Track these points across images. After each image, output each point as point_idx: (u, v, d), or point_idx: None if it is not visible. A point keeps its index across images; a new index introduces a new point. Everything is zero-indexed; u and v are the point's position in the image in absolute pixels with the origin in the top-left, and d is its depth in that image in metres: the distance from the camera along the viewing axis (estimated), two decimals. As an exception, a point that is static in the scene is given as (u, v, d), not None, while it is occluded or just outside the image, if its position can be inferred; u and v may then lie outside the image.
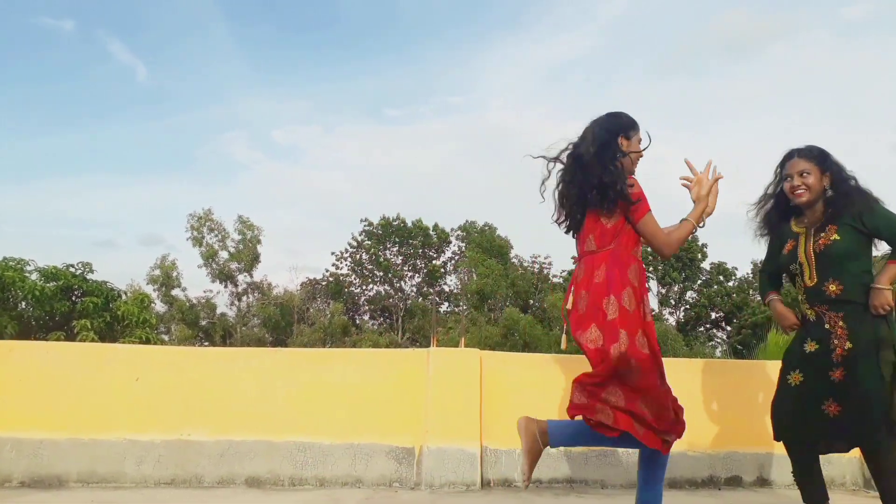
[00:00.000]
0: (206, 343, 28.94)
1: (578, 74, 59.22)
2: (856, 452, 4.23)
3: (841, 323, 2.74)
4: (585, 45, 58.48)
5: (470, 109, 57.02)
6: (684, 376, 4.29)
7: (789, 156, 2.94)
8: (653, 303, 35.74)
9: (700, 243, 33.97)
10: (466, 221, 37.37)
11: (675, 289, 34.66)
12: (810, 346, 2.82)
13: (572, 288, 2.57)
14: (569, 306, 2.55)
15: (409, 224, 36.08)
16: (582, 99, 58.69)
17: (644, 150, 2.65)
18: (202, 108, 57.57)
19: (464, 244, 36.53)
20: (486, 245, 34.18)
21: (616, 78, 60.81)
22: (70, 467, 3.82)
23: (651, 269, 35.08)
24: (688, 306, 34.67)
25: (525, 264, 36.06)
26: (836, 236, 2.76)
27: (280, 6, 55.05)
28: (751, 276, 34.80)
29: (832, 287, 2.76)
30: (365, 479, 3.92)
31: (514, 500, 3.64)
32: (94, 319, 14.71)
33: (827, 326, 2.78)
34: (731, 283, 34.29)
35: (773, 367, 4.67)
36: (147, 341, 14.58)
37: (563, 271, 35.23)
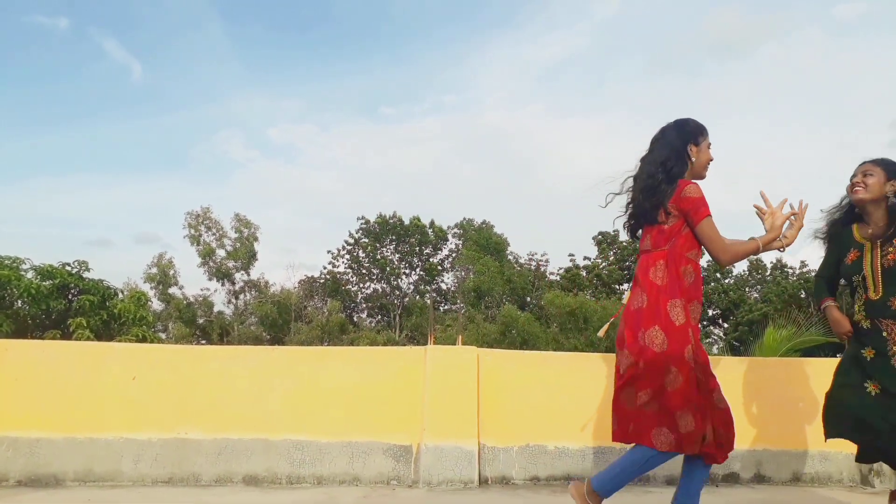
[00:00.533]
0: (204, 341, 28.90)
1: (572, 73, 59.19)
2: (852, 448, 4.25)
3: None
4: (579, 43, 58.39)
5: (465, 108, 56.97)
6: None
7: (861, 163, 2.99)
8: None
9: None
10: (464, 219, 37.40)
11: (672, 286, 34.71)
12: (868, 353, 2.86)
13: (630, 287, 2.65)
14: (624, 301, 2.62)
15: (406, 222, 36.07)
16: (576, 97, 58.77)
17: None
18: (197, 107, 57.33)
19: (461, 242, 36.54)
20: (483, 243, 34.21)
21: (610, 76, 60.82)
22: (67, 466, 3.81)
23: (648, 266, 35.04)
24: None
25: (521, 262, 36.09)
26: None
27: (275, 5, 54.93)
28: (746, 273, 34.85)
29: None
30: (362, 477, 3.92)
31: (511, 498, 3.64)
32: (90, 318, 14.68)
33: (885, 334, 2.81)
34: (728, 281, 34.32)
35: (769, 364, 4.69)
36: (144, 339, 14.56)
37: (560, 269, 35.25)
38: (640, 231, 2.69)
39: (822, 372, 4.35)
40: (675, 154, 2.59)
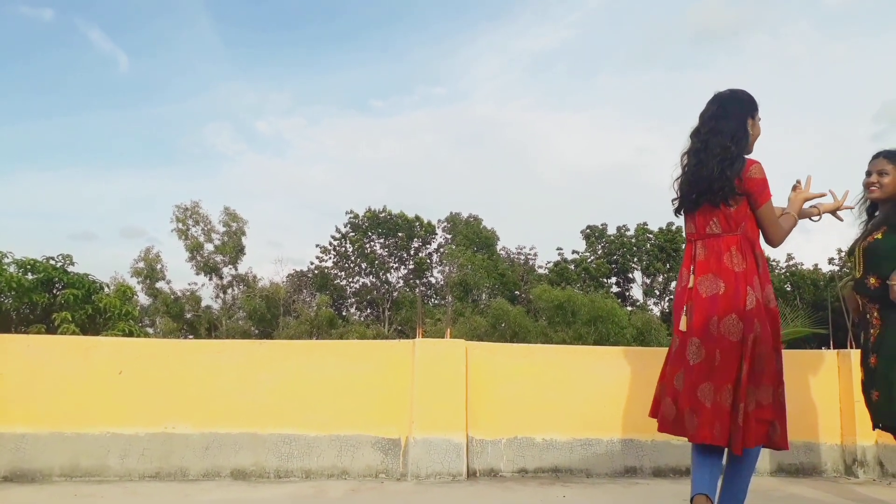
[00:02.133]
0: (191, 336, 28.77)
1: (562, 65, 59.25)
2: (836, 439, 4.31)
3: (876, 313, 2.96)
4: (569, 35, 58.46)
5: (454, 101, 56.99)
6: (668, 366, 4.32)
7: (876, 155, 3.10)
8: (637, 293, 35.97)
9: (684, 234, 34.19)
10: (451, 213, 37.39)
11: (660, 279, 34.91)
12: (863, 337, 3.05)
13: (692, 267, 2.50)
14: (690, 285, 2.47)
15: (395, 216, 36.01)
16: (566, 89, 58.81)
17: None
18: (184, 99, 56.94)
19: (450, 236, 36.55)
20: (472, 237, 34.24)
21: (600, 68, 60.91)
22: (53, 461, 3.78)
23: (636, 259, 35.28)
24: (672, 296, 34.93)
25: (511, 256, 36.17)
26: (879, 235, 2.98)
27: (264, -4, 54.46)
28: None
29: (872, 280, 2.96)
30: (351, 470, 3.92)
31: (499, 491, 3.66)
32: (75, 312, 14.52)
33: (868, 316, 3.00)
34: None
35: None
36: (130, 334, 14.43)
37: (548, 262, 35.38)
38: (689, 210, 2.56)
39: (806, 364, 4.40)
40: (741, 128, 2.49)
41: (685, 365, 2.43)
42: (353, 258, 35.85)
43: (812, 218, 2.87)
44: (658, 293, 35.15)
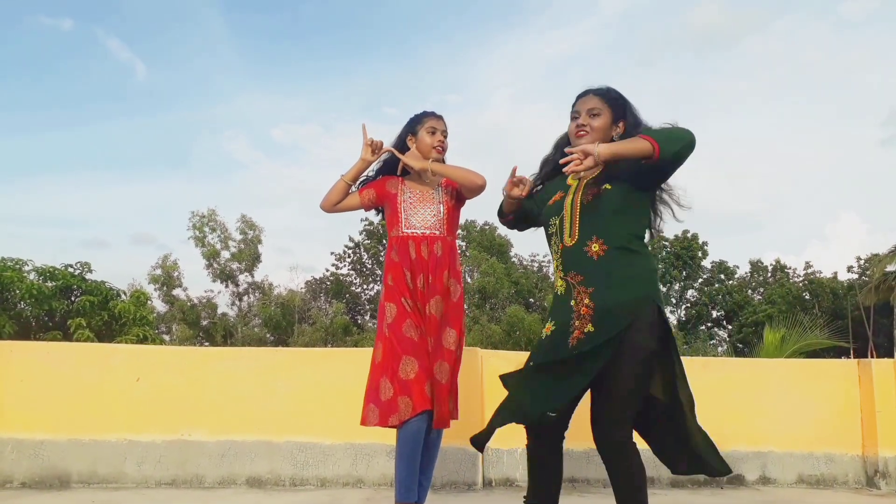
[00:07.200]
0: (207, 343, 28.93)
1: (578, 71, 59.00)
2: (857, 450, 4.24)
3: None
4: (585, 40, 58.28)
5: (468, 107, 56.93)
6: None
7: None
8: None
9: (701, 241, 33.95)
10: (466, 220, 37.43)
11: (676, 287, 34.62)
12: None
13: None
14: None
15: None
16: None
17: None
18: (200, 107, 57.30)
19: (465, 243, 36.54)
20: (486, 244, 34.23)
21: (615, 72, 60.66)
22: (71, 468, 3.81)
23: (651, 267, 35.02)
24: (689, 305, 34.64)
25: (525, 263, 36.11)
26: None
27: (278, 4, 54.93)
28: (750, 274, 34.77)
29: None
30: (366, 479, 3.91)
31: (515, 500, 3.62)
32: (90, 318, 14.67)
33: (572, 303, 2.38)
34: (731, 282, 34.25)
35: (774, 366, 4.67)
36: (145, 339, 14.55)
37: (563, 270, 35.21)
38: None
39: (827, 374, 4.34)
40: None
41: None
42: (368, 265, 35.96)
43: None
44: (674, 301, 34.87)
